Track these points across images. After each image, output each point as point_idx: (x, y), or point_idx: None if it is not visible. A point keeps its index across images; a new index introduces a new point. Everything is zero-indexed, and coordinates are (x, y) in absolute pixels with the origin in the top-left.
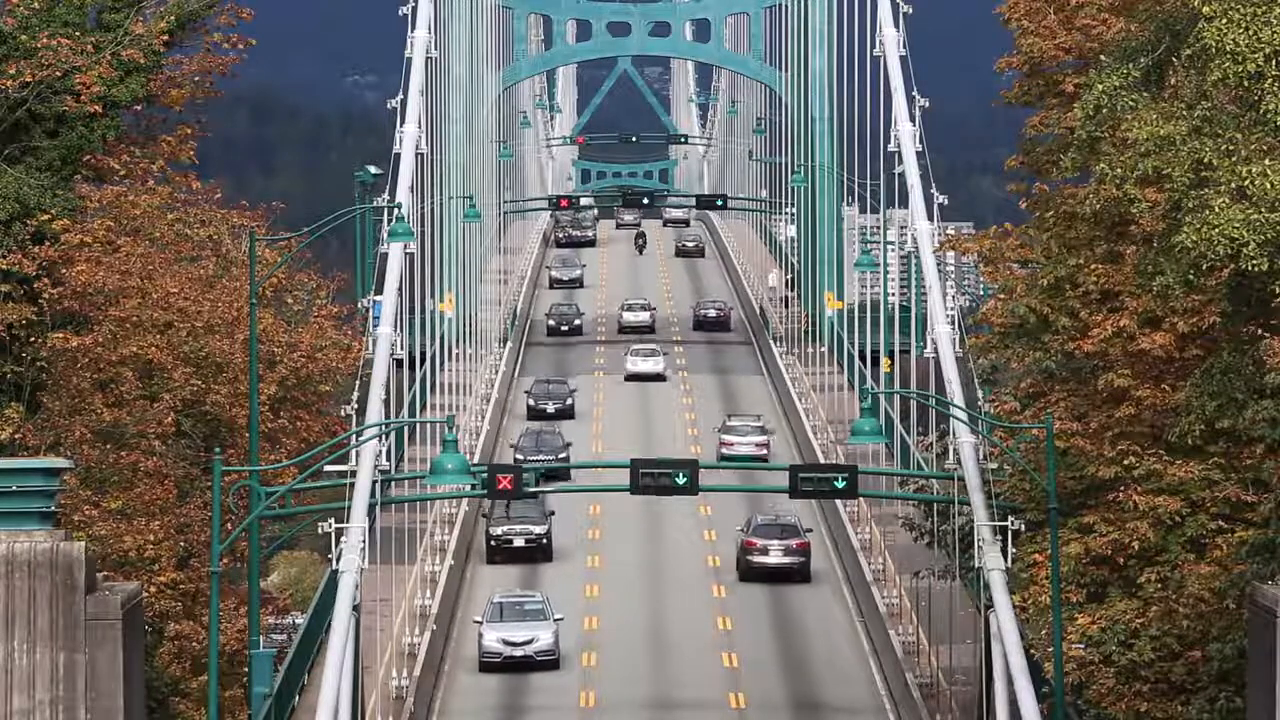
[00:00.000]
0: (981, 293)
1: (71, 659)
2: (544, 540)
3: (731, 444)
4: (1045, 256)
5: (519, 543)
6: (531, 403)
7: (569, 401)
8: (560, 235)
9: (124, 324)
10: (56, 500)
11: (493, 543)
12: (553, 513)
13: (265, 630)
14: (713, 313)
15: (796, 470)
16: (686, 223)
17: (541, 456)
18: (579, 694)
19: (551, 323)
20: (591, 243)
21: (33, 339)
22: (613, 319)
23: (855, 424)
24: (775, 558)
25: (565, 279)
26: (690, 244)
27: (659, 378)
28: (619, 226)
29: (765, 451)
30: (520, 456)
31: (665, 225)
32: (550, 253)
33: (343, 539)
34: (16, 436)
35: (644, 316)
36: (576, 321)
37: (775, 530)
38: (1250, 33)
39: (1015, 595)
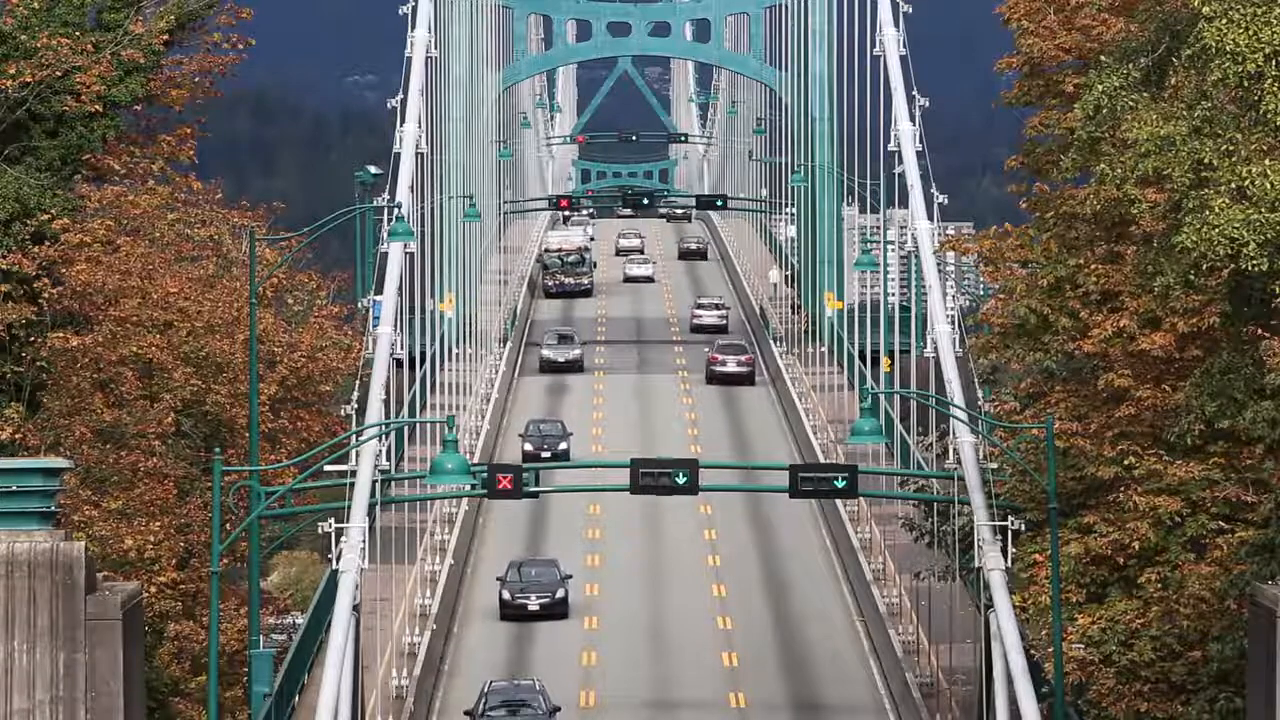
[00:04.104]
0: (981, 293)
1: (71, 659)
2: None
3: (700, 315)
4: (1045, 257)
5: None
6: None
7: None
8: (551, 284)
9: (124, 324)
10: (56, 500)
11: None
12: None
13: (265, 630)
14: (694, 245)
15: (796, 470)
16: (687, 218)
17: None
18: (579, 693)
19: (529, 446)
20: (588, 292)
21: (33, 339)
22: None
23: (855, 424)
24: (730, 367)
25: (560, 360)
26: (679, 212)
27: (649, 280)
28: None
29: (725, 321)
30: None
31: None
32: (539, 308)
33: (343, 539)
34: (16, 436)
35: (636, 242)
36: (563, 446)
37: (731, 349)
38: (1250, 33)
39: (1015, 595)
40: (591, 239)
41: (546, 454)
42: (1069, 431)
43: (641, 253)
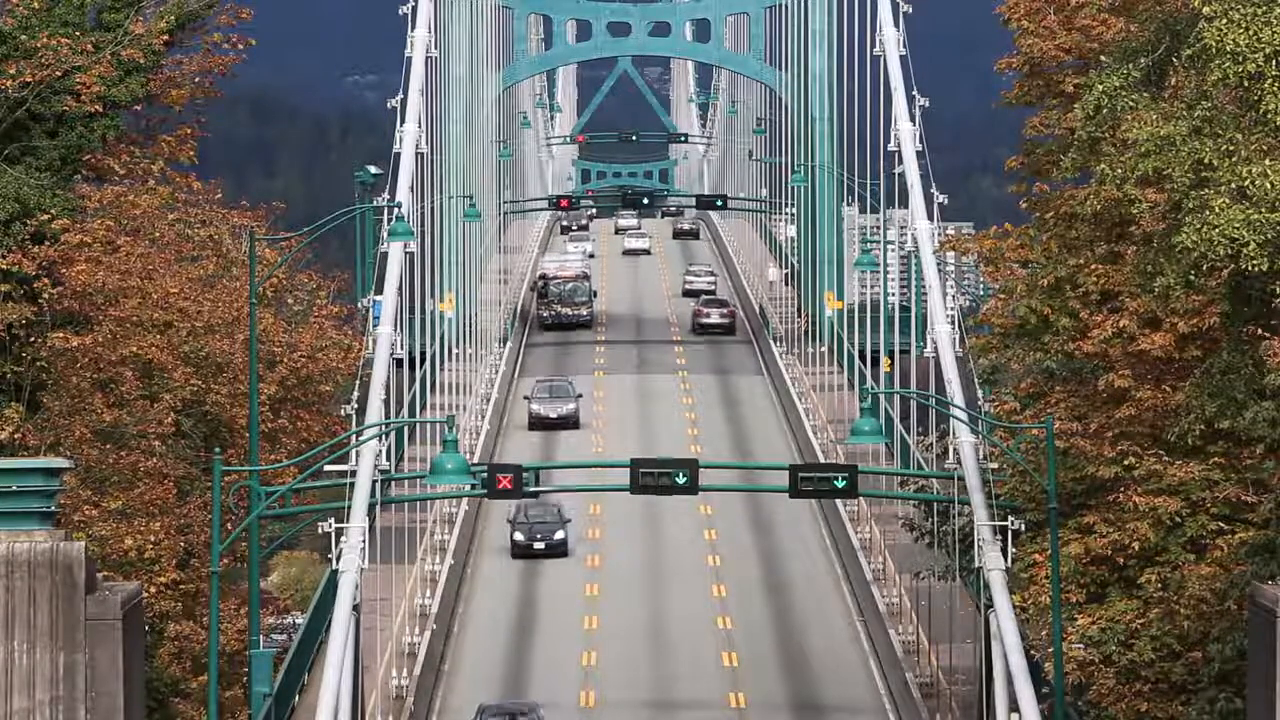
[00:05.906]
0: (981, 293)
1: (71, 659)
2: None
3: (692, 281)
4: (1045, 257)
5: None
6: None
7: None
8: (546, 315)
9: (124, 324)
10: (56, 500)
11: None
12: None
13: (265, 630)
14: (687, 225)
15: (796, 470)
16: (681, 214)
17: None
18: (579, 694)
19: (519, 536)
20: (588, 324)
21: (33, 339)
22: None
23: (855, 424)
24: (714, 319)
25: (552, 417)
26: (674, 209)
27: (646, 252)
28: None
29: (714, 286)
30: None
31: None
32: (534, 341)
33: (343, 539)
34: (16, 436)
35: (634, 222)
36: (559, 535)
37: (714, 303)
38: (1250, 33)
39: (1015, 595)
40: (591, 255)
41: (540, 544)
42: (1069, 431)
43: (638, 227)
